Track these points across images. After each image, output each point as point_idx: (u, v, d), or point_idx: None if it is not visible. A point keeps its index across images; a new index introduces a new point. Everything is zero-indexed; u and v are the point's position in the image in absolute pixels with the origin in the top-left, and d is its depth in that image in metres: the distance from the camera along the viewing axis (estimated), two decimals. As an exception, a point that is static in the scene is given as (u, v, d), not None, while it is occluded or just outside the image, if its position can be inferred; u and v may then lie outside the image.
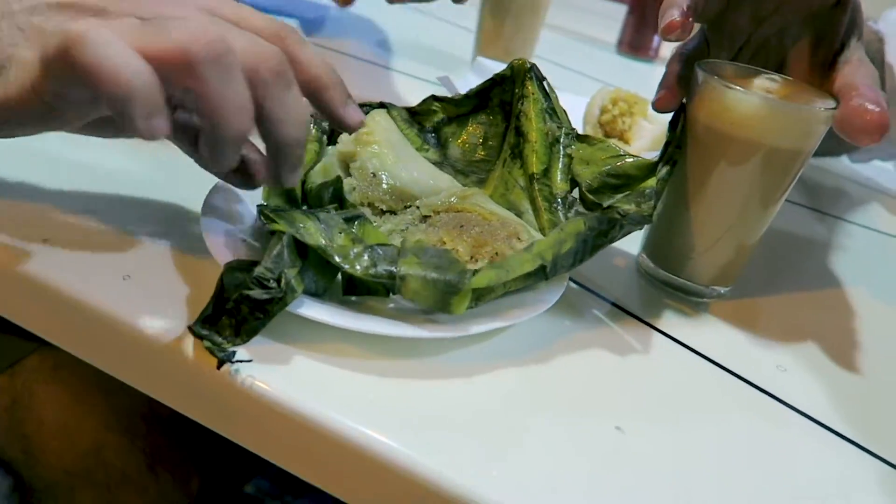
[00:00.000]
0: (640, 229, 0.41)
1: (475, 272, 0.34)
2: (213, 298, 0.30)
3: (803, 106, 0.39)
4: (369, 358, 0.32)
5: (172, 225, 0.39)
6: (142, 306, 0.33)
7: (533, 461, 0.30)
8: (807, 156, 0.40)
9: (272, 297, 0.30)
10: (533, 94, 0.44)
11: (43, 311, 0.35)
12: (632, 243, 0.46)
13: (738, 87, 0.38)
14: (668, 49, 1.16)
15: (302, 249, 0.33)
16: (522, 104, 0.45)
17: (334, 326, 0.31)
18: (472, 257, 0.37)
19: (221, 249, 0.33)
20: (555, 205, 0.42)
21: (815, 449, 0.35)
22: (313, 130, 0.42)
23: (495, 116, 0.46)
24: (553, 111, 0.44)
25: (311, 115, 0.40)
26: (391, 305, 0.36)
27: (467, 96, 0.47)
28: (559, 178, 0.43)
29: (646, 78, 1.03)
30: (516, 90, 0.45)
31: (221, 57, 0.27)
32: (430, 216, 0.40)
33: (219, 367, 0.29)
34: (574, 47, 1.14)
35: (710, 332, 0.42)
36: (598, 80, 0.92)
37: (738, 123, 0.39)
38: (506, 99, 0.46)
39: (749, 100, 0.38)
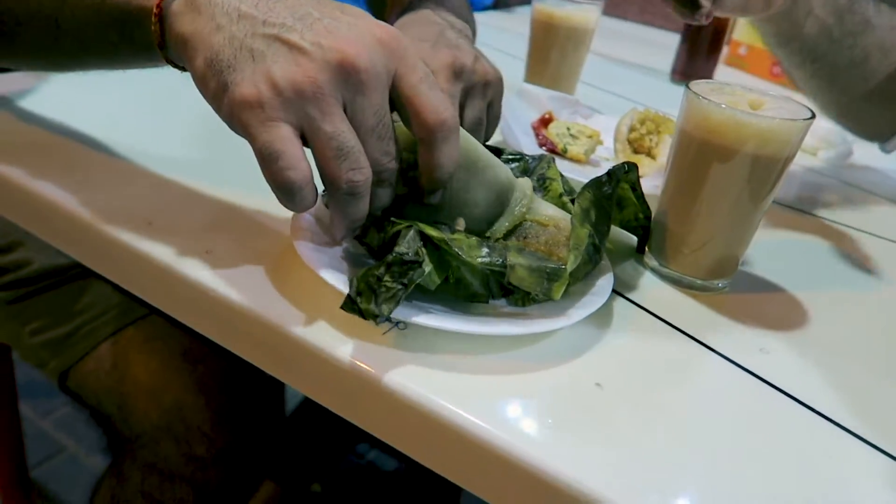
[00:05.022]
0: (627, 174, 0.47)
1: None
2: (352, 286, 0.36)
3: (778, 118, 0.44)
4: (464, 353, 0.39)
5: (249, 210, 0.49)
6: (224, 277, 0.42)
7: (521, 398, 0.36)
8: (786, 162, 0.45)
9: (414, 260, 0.36)
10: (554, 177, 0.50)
11: (149, 280, 0.45)
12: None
13: (721, 104, 0.44)
14: (719, 75, 1.20)
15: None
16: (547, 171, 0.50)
17: (442, 330, 0.37)
18: None
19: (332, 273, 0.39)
20: None
21: (785, 419, 0.39)
22: None
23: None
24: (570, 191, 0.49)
25: None
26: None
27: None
28: None
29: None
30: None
31: (362, 191, 0.37)
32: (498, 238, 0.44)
33: (379, 325, 0.36)
34: (626, 75, 1.20)
35: (700, 317, 0.47)
36: (646, 105, 0.97)
37: (718, 133, 0.45)
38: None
39: (729, 114, 0.44)
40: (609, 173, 0.45)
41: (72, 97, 0.62)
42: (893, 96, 0.71)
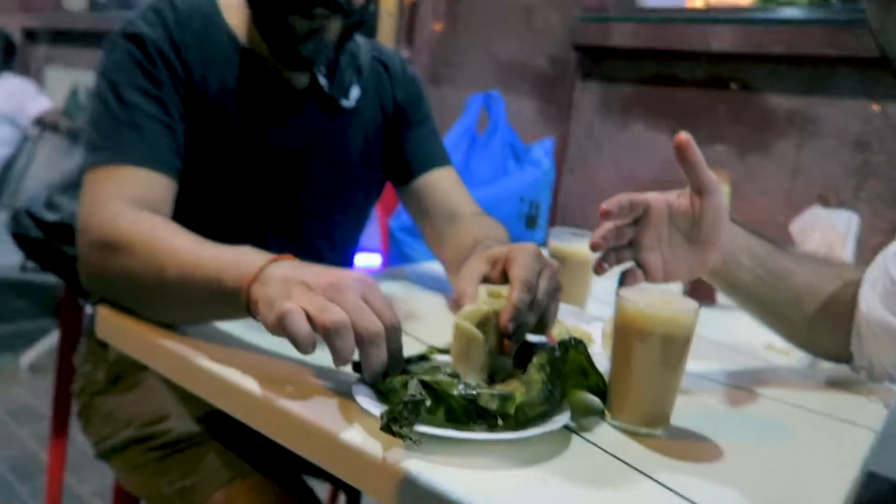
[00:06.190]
0: (575, 347, 0.68)
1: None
2: (385, 417, 0.58)
3: (671, 310, 0.67)
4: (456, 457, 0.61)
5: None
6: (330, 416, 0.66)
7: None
8: (686, 340, 0.67)
9: (420, 399, 0.60)
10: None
11: (288, 428, 0.69)
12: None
13: (637, 302, 0.68)
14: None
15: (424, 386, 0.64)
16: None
17: (439, 437, 0.60)
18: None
19: (367, 403, 0.64)
20: None
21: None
22: None
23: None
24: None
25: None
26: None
27: None
28: None
29: (707, 321, 1.29)
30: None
31: (340, 330, 0.63)
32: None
33: (405, 443, 0.59)
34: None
35: (637, 452, 0.66)
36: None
37: (637, 323, 0.67)
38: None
39: (641, 309, 0.67)
40: (559, 343, 0.68)
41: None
42: (830, 327, 0.84)
